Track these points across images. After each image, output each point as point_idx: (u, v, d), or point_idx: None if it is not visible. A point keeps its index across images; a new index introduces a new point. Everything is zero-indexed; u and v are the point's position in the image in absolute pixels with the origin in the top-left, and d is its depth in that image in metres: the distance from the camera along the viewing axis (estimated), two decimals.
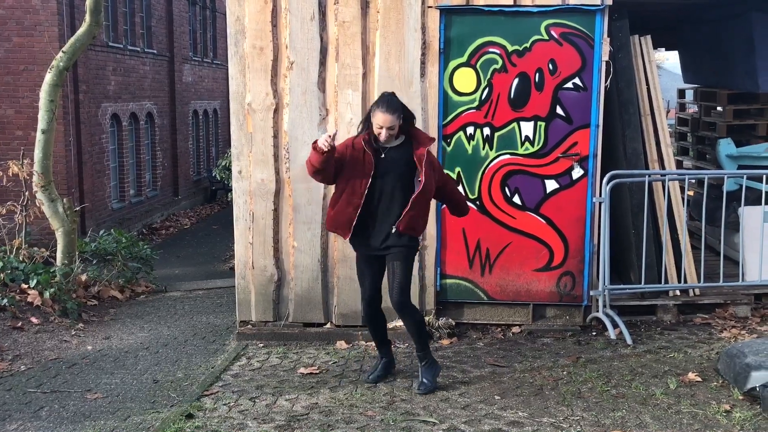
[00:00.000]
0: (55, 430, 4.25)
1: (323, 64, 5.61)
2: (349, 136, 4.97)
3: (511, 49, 5.55)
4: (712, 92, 8.39)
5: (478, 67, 5.59)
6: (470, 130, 5.65)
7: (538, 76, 5.57)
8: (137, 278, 8.05)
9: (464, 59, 5.59)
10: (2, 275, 6.63)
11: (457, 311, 5.86)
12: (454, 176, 5.70)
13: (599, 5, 5.44)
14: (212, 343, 5.88)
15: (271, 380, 4.85)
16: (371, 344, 5.53)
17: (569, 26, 5.50)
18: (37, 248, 7.70)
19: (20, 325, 6.11)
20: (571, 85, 5.56)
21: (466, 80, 5.61)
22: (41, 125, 7.42)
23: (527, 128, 5.62)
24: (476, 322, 5.87)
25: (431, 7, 5.51)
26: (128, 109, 14.86)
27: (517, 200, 5.70)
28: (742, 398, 4.36)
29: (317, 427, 4.12)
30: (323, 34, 5.58)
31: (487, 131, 5.65)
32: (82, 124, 12.73)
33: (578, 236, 5.71)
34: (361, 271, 4.73)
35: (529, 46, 5.54)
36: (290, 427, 4.12)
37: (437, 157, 5.64)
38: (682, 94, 10.53)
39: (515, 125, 5.62)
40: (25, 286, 6.64)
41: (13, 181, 8.11)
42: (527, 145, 5.65)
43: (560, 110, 5.59)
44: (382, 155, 4.50)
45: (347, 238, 4.57)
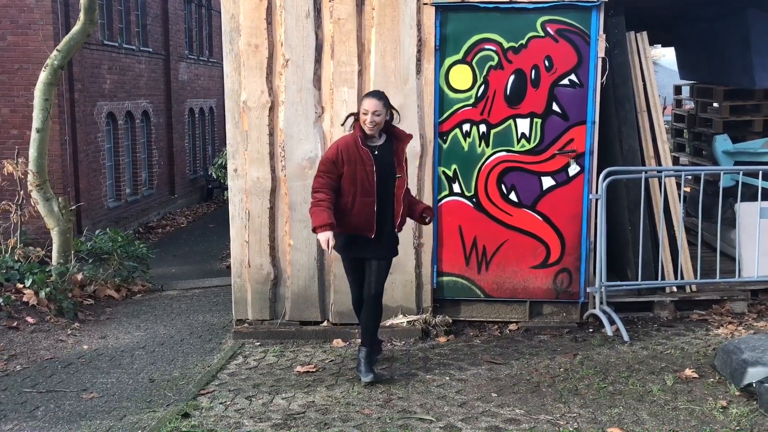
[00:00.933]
0: (50, 429, 4.23)
1: (319, 61, 5.59)
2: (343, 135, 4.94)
3: (506, 45, 5.54)
4: (708, 89, 8.39)
5: (474, 63, 5.57)
6: (466, 127, 5.64)
7: (534, 72, 5.56)
8: (133, 277, 8.03)
9: (460, 56, 5.57)
10: None
11: (453, 309, 5.86)
12: (450, 174, 5.70)
13: (595, 2, 5.44)
14: (209, 341, 5.87)
15: (267, 379, 4.84)
16: None
17: (565, 23, 5.49)
18: (32, 247, 7.68)
19: (16, 324, 6.09)
20: (567, 81, 5.55)
21: (462, 77, 5.59)
22: (36, 124, 7.39)
23: (523, 125, 5.61)
24: (473, 319, 5.87)
25: (427, 3, 5.49)
26: (124, 107, 14.81)
27: (513, 197, 5.69)
28: (738, 394, 4.36)
29: (314, 425, 4.11)
30: (318, 31, 5.56)
31: (483, 128, 5.64)
32: (77, 122, 12.69)
33: (575, 233, 5.70)
34: (352, 269, 4.79)
35: (525, 42, 5.53)
36: (287, 425, 4.11)
37: (434, 154, 5.64)
38: (678, 90, 10.54)
39: (511, 122, 5.61)
40: (20, 285, 6.62)
41: (8, 180, 8.08)
42: (523, 142, 5.64)
43: (556, 107, 5.58)
44: (375, 152, 4.56)
45: (372, 236, 4.58)
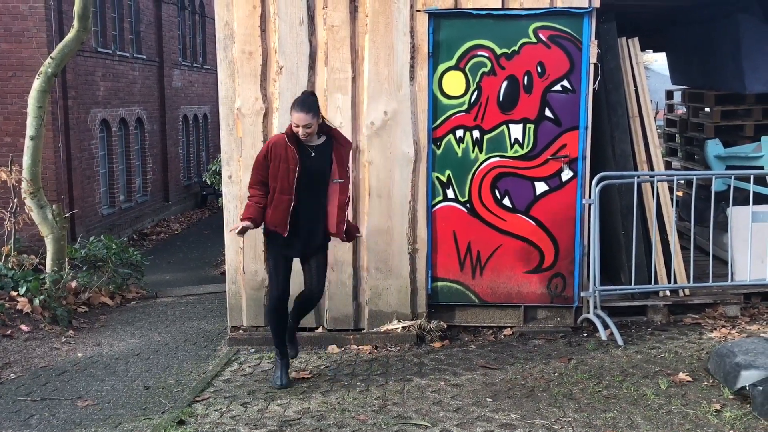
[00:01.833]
0: None
1: (312, 68, 5.61)
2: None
3: (499, 52, 5.57)
4: (699, 93, 8.44)
5: (467, 70, 5.60)
6: (460, 133, 5.67)
7: (526, 78, 5.59)
8: (128, 284, 8.02)
9: (453, 62, 5.60)
10: None
11: (448, 314, 5.87)
12: (444, 179, 5.72)
13: (587, 8, 5.47)
14: (203, 348, 5.86)
15: (262, 385, 4.84)
16: (363, 348, 5.53)
17: (557, 29, 5.53)
18: (26, 255, 7.66)
19: (10, 332, 6.07)
20: (559, 87, 5.59)
21: (455, 83, 5.62)
22: (30, 131, 7.38)
23: (516, 131, 5.64)
24: (468, 324, 5.88)
25: (420, 10, 5.52)
26: (118, 114, 14.81)
27: (507, 202, 5.72)
28: (732, 398, 4.39)
29: (309, 431, 4.11)
30: (312, 38, 5.59)
31: (476, 134, 5.66)
32: (71, 130, 12.68)
33: (568, 238, 5.73)
34: (276, 265, 4.73)
35: (517, 49, 5.56)
36: None
37: (427, 160, 5.66)
38: (670, 95, 10.60)
39: (504, 128, 5.64)
40: (14, 293, 6.61)
41: (1, 188, 8.08)
42: (517, 147, 5.66)
43: (549, 113, 5.61)
44: (308, 152, 4.61)
45: (285, 234, 4.60)
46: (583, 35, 5.53)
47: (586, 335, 5.70)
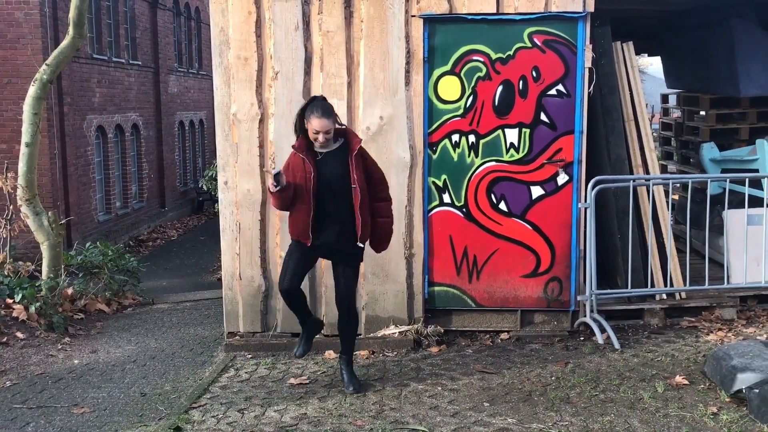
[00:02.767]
0: None
1: (308, 73, 5.62)
2: None
3: (494, 56, 5.58)
4: (694, 97, 8.47)
5: (462, 75, 5.61)
6: (455, 137, 5.68)
7: (521, 83, 5.61)
8: (124, 291, 8.01)
9: (448, 67, 5.61)
10: None
11: (445, 319, 5.87)
12: (440, 184, 5.73)
13: (581, 12, 5.49)
14: (200, 354, 5.85)
15: (259, 391, 4.83)
16: (360, 353, 5.52)
17: (552, 33, 5.54)
18: (22, 262, 7.65)
19: (5, 340, 6.06)
20: (554, 91, 5.60)
21: (450, 88, 5.63)
22: (25, 138, 7.38)
23: (512, 135, 5.65)
24: (465, 329, 5.88)
25: (415, 16, 5.54)
26: (113, 120, 14.80)
27: (503, 207, 5.72)
28: (729, 400, 4.39)
29: None
30: (307, 44, 5.59)
31: (472, 138, 5.67)
32: (67, 136, 12.67)
33: (565, 242, 5.74)
34: (290, 257, 4.67)
35: (512, 53, 5.58)
36: None
37: (423, 165, 5.66)
38: (665, 99, 10.63)
39: (500, 132, 5.65)
40: (10, 300, 6.59)
41: None
42: (512, 152, 5.67)
43: (544, 117, 5.63)
44: (318, 158, 4.55)
45: (309, 244, 4.58)
46: (577, 40, 5.55)
47: (583, 339, 5.70)
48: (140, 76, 16.23)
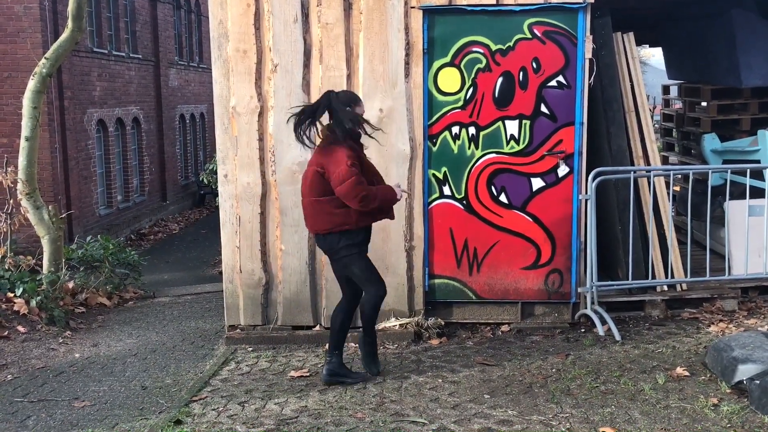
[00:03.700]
0: None
1: (307, 66, 5.60)
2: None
3: (494, 48, 5.56)
4: (696, 88, 8.44)
5: (462, 66, 5.59)
6: (455, 129, 5.66)
7: (522, 74, 5.58)
8: (125, 284, 8.01)
9: (448, 59, 5.59)
10: None
11: (446, 311, 5.86)
12: (440, 176, 5.71)
13: (581, 3, 5.46)
14: (201, 348, 5.85)
15: (260, 384, 4.84)
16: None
17: (552, 24, 5.52)
18: (23, 256, 7.65)
19: (6, 334, 6.06)
20: (555, 83, 5.58)
21: (450, 80, 5.61)
22: (25, 132, 7.37)
23: (512, 127, 5.63)
24: (465, 321, 5.88)
25: (414, 7, 5.51)
26: (114, 114, 14.78)
27: (503, 199, 5.71)
28: (729, 392, 4.39)
29: (306, 430, 4.10)
30: (306, 36, 5.57)
31: (472, 130, 5.65)
32: (67, 130, 12.65)
33: (565, 234, 5.72)
34: (365, 260, 4.70)
35: (512, 44, 5.55)
36: (279, 430, 4.11)
37: (423, 157, 5.65)
38: (666, 90, 10.59)
39: (500, 124, 5.63)
40: (11, 294, 6.60)
41: None
42: (512, 143, 5.66)
43: (545, 108, 5.61)
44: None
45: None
46: (578, 30, 5.52)
47: (583, 331, 5.70)
48: (141, 69, 16.19)
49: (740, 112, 7.99)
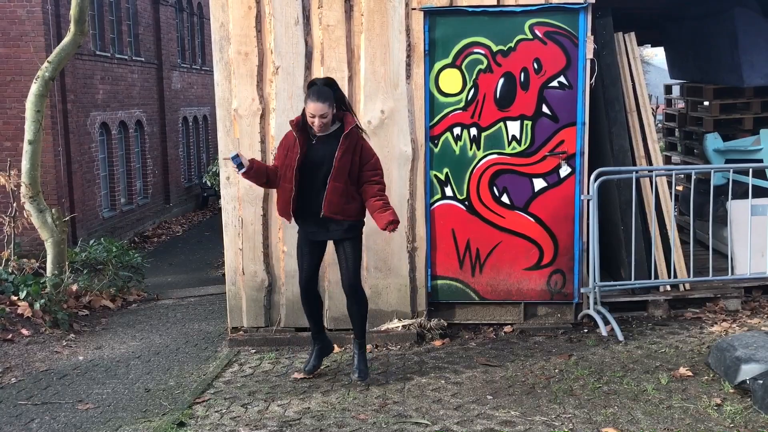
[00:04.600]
0: None
1: (309, 68, 5.61)
2: None
3: (495, 49, 5.56)
4: (698, 87, 8.43)
5: (463, 67, 5.59)
6: (457, 130, 5.66)
7: (523, 75, 5.58)
8: (128, 287, 8.03)
9: (449, 60, 5.59)
10: None
11: (448, 312, 5.87)
12: (442, 177, 5.72)
13: (582, 3, 5.46)
14: (204, 350, 5.86)
15: (263, 386, 4.84)
16: None
17: (553, 25, 5.52)
18: (26, 259, 7.67)
19: (10, 337, 6.08)
20: (556, 83, 5.58)
21: (451, 81, 5.61)
22: (28, 136, 7.39)
23: (514, 128, 5.63)
24: (468, 322, 5.88)
25: (415, 9, 5.52)
26: (117, 117, 14.82)
27: (505, 200, 5.71)
28: (733, 391, 4.38)
29: (309, 431, 4.11)
30: (308, 38, 5.58)
31: (474, 131, 5.66)
32: (70, 133, 12.70)
33: (567, 234, 5.72)
34: (301, 251, 4.84)
35: (513, 45, 5.55)
36: None
37: (425, 158, 5.65)
38: (669, 89, 10.58)
39: (502, 125, 5.64)
40: (15, 297, 6.62)
41: (1, 192, 8.08)
42: (514, 144, 5.66)
43: (546, 109, 5.60)
44: (313, 141, 4.59)
45: (290, 222, 4.74)
46: (579, 31, 5.52)
47: (586, 331, 5.69)
48: (143, 72, 16.24)
49: (743, 111, 7.98)
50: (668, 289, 6.07)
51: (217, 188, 15.17)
